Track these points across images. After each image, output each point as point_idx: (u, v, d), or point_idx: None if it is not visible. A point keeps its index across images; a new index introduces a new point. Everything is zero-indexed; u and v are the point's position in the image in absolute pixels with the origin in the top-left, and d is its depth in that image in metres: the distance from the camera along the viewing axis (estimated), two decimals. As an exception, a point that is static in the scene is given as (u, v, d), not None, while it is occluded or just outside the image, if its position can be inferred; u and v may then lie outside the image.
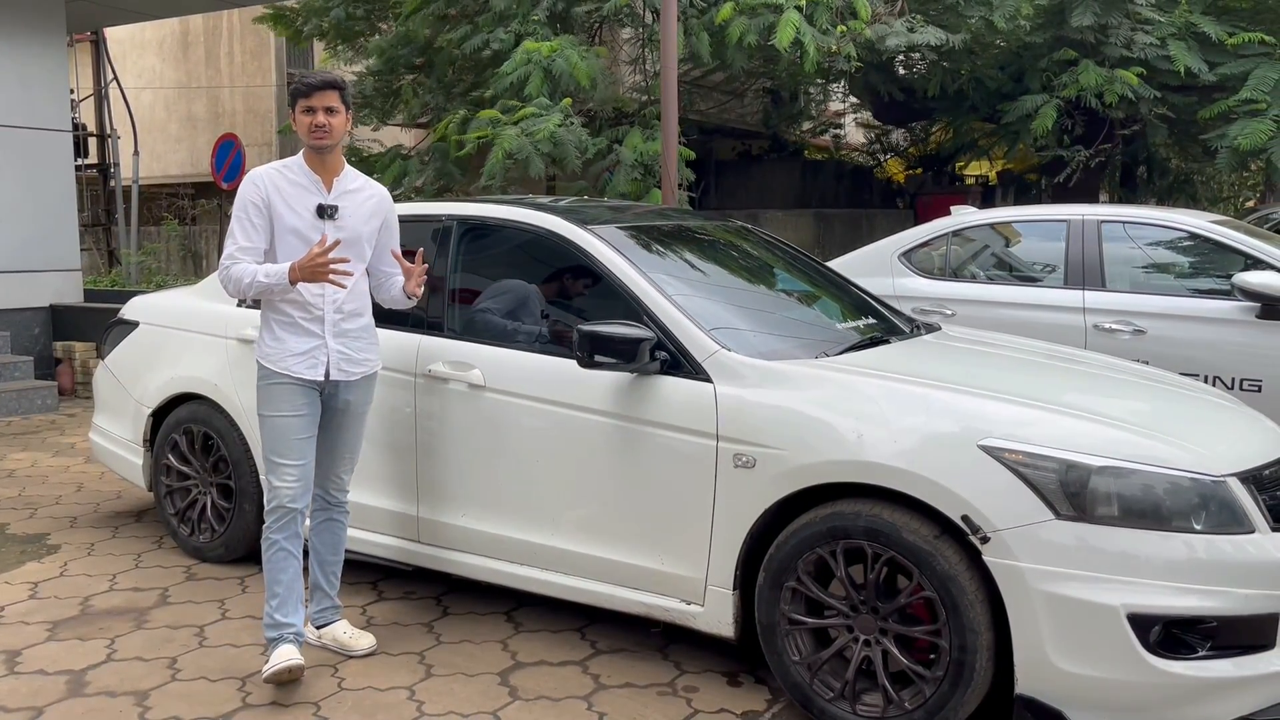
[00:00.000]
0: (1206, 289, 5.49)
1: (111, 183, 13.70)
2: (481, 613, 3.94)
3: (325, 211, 3.36)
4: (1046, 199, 13.53)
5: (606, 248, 3.65)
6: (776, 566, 3.08)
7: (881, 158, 17.42)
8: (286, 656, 3.27)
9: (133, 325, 4.86)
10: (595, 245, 3.66)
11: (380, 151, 11.27)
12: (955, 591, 2.80)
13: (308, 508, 3.44)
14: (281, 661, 3.26)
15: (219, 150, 13.02)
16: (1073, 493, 2.74)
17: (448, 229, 4.03)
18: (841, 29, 9.37)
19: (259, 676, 3.35)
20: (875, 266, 6.20)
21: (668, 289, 3.50)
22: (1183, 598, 2.68)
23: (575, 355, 3.34)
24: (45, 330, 9.04)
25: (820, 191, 15.55)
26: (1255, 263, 5.34)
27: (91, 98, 13.81)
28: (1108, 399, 3.38)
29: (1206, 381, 5.13)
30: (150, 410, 4.61)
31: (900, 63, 12.66)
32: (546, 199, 4.59)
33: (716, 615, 3.25)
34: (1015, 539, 2.75)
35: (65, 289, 9.19)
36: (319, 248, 3.21)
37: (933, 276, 6.13)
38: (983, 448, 2.84)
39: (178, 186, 18.64)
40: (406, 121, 12.48)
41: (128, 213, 13.44)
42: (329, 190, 3.39)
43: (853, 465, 2.98)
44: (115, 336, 4.93)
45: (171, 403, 4.55)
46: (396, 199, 3.79)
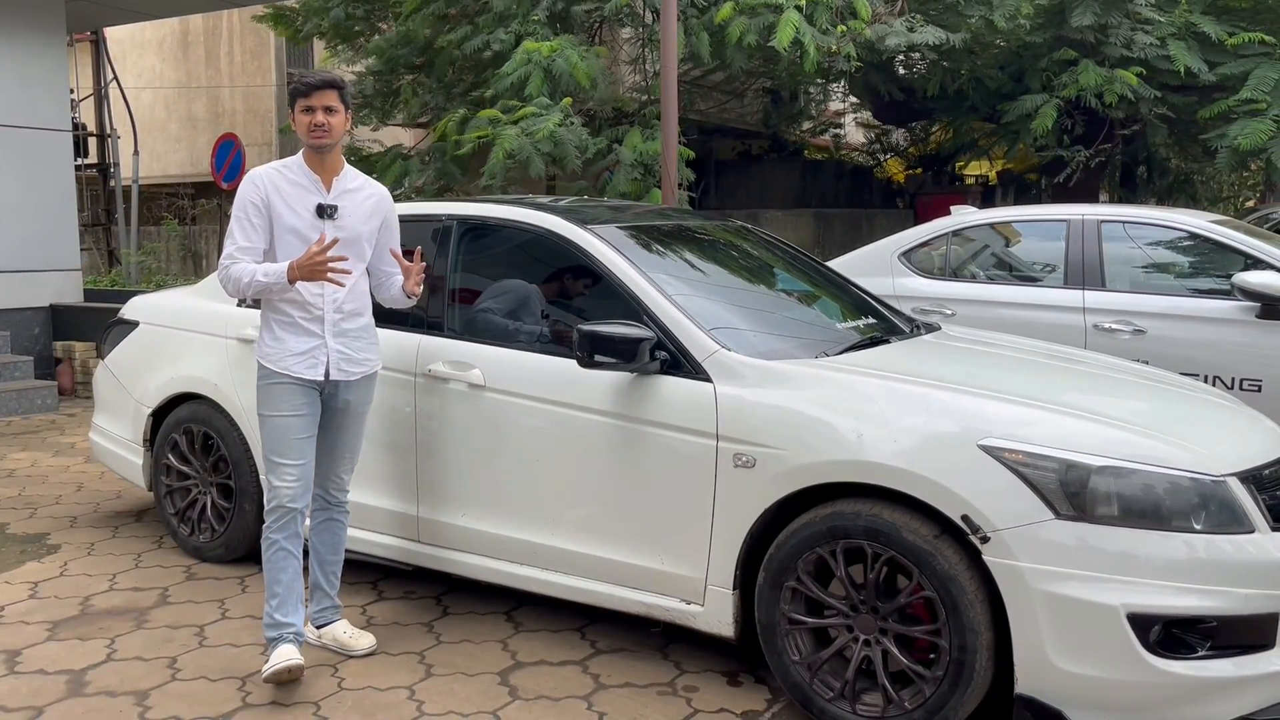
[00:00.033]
0: (1206, 289, 5.49)
1: (111, 182, 13.70)
2: (481, 612, 3.94)
3: (325, 211, 3.36)
4: (1046, 199, 13.53)
5: (606, 247, 3.65)
6: (776, 566, 3.08)
7: (881, 158, 17.43)
8: (286, 656, 3.27)
9: (133, 325, 4.86)
10: (595, 245, 3.66)
11: (380, 151, 11.27)
12: (955, 591, 2.80)
13: (308, 507, 3.44)
14: (281, 661, 3.26)
15: (219, 150, 13.02)
16: (1073, 492, 2.74)
17: (448, 229, 4.03)
18: (841, 29, 9.37)
19: (259, 676, 3.35)
20: (875, 266, 6.20)
21: (668, 289, 3.50)
22: (1183, 597, 2.68)
23: (575, 355, 3.34)
24: (45, 330, 9.03)
25: (820, 191, 15.56)
26: (1255, 262, 5.34)
27: (91, 97, 13.81)
28: (1108, 399, 3.38)
29: (1206, 381, 5.14)
30: (150, 410, 4.61)
31: (900, 62, 12.66)
32: (546, 199, 4.59)
33: (716, 615, 3.25)
34: (1015, 539, 2.75)
35: (65, 289, 9.19)
36: (317, 246, 3.21)
37: (933, 276, 6.13)
38: (983, 447, 2.84)
39: (178, 186, 18.63)
40: (406, 121, 12.47)
41: (128, 212, 13.44)
42: (328, 190, 3.39)
43: (853, 465, 2.98)
44: (115, 336, 4.93)
45: (171, 402, 4.55)
46: (397, 199, 3.79)
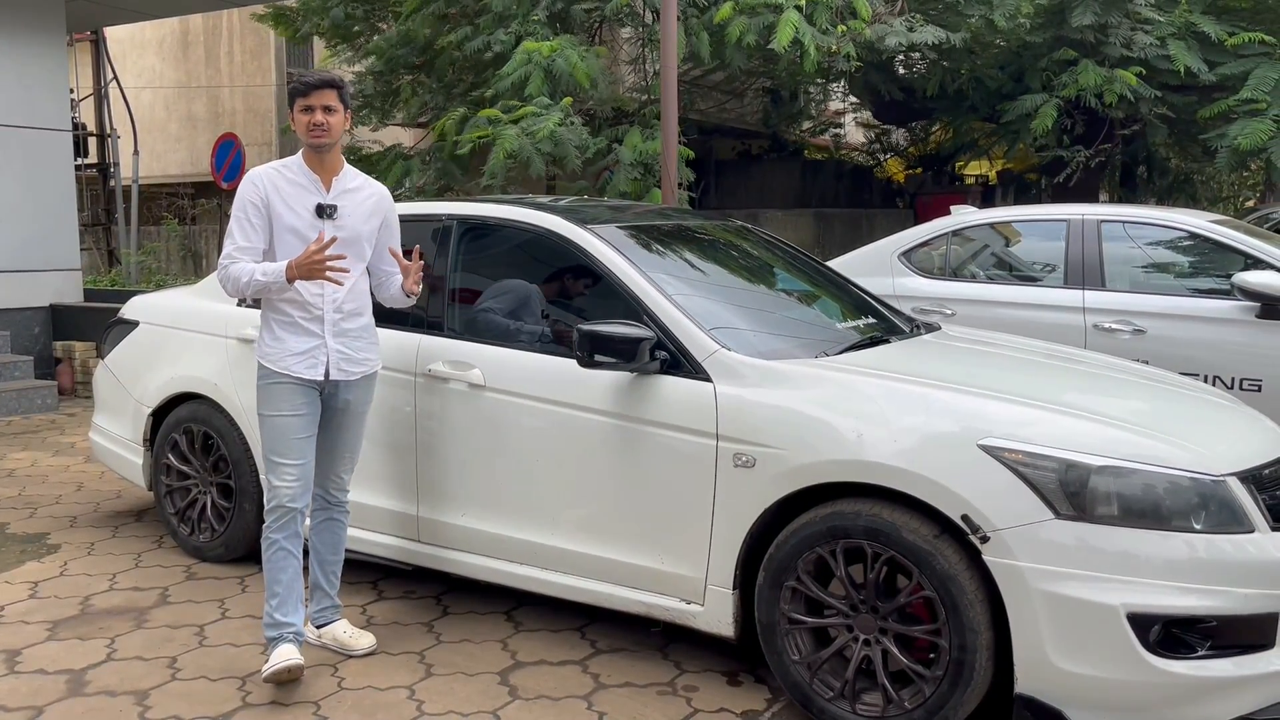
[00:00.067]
0: (1206, 289, 5.49)
1: (111, 182, 13.70)
2: (481, 612, 3.94)
3: (324, 211, 3.36)
4: (1046, 199, 13.53)
5: (606, 247, 3.65)
6: (776, 566, 3.08)
7: (881, 157, 17.43)
8: (286, 656, 3.27)
9: (132, 325, 4.86)
10: (595, 245, 3.66)
11: (380, 151, 11.27)
12: (955, 591, 2.80)
13: (308, 507, 3.44)
14: (281, 661, 3.26)
15: (219, 150, 13.02)
16: (1072, 492, 2.74)
17: (448, 228, 4.03)
18: (841, 29, 9.37)
19: (259, 676, 3.35)
20: (875, 266, 6.20)
21: (667, 288, 3.50)
22: (1182, 597, 2.68)
23: (575, 355, 3.34)
24: (45, 330, 9.03)
25: (820, 191, 15.56)
26: (1255, 262, 5.34)
27: (91, 97, 13.81)
28: (1107, 399, 3.38)
29: (1206, 381, 5.14)
30: (150, 410, 4.61)
31: (900, 62, 12.66)
32: (546, 198, 4.59)
33: (716, 614, 3.25)
34: (1015, 538, 2.75)
35: (65, 289, 9.19)
36: (316, 245, 3.21)
37: (933, 276, 6.13)
38: (983, 447, 2.84)
39: (178, 186, 18.63)
40: (406, 121, 12.47)
41: (127, 212, 13.44)
42: (328, 190, 3.39)
43: (853, 465, 2.98)
44: (115, 336, 4.93)
45: (171, 402, 4.55)
46: (398, 199, 3.78)
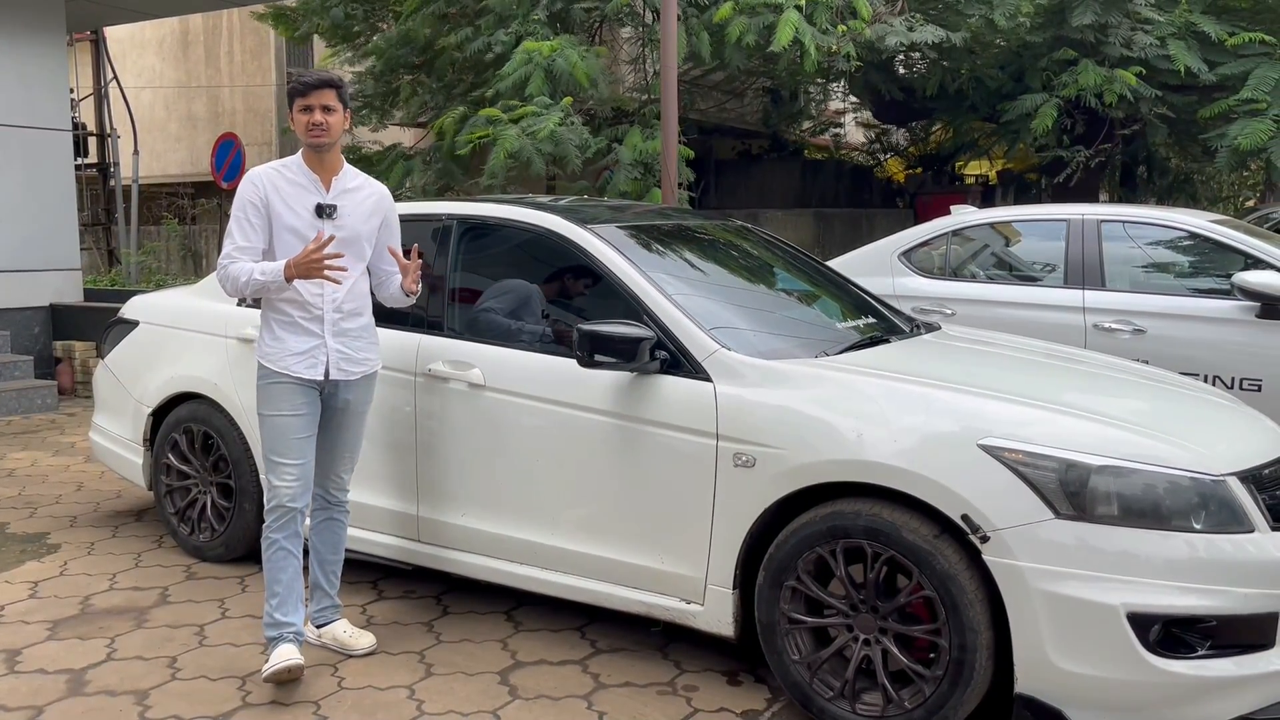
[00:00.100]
0: (1206, 288, 5.50)
1: (111, 182, 13.70)
2: (481, 612, 3.94)
3: (324, 210, 3.36)
4: (1046, 199, 13.53)
5: (606, 247, 3.64)
6: (776, 566, 3.08)
7: (881, 157, 17.43)
8: (286, 656, 3.27)
9: (132, 324, 4.86)
10: (595, 244, 3.66)
11: (380, 150, 11.26)
12: (955, 591, 2.80)
13: (308, 507, 3.44)
14: (281, 661, 3.26)
15: (219, 150, 13.02)
16: (1072, 492, 2.74)
17: (448, 228, 4.03)
18: (842, 29, 9.37)
19: (259, 675, 3.35)
20: (875, 266, 6.20)
21: (667, 288, 3.50)
22: (1182, 597, 2.68)
23: (575, 355, 3.34)
24: (45, 330, 9.03)
25: (820, 191, 15.56)
26: (1255, 262, 5.34)
27: (91, 97, 13.81)
28: (1107, 398, 3.38)
29: (1206, 381, 5.14)
30: (150, 409, 4.61)
31: (900, 62, 12.66)
32: (546, 198, 4.59)
33: (716, 614, 3.25)
34: (1015, 538, 2.75)
35: (65, 288, 9.19)
36: (314, 244, 3.21)
37: (933, 276, 6.14)
38: (983, 447, 2.84)
39: (177, 186, 18.63)
40: (405, 121, 12.47)
41: (127, 212, 13.44)
42: (328, 189, 3.39)
43: (853, 465, 2.98)
44: (115, 336, 4.93)
45: (171, 402, 4.55)
46: (399, 198, 3.78)
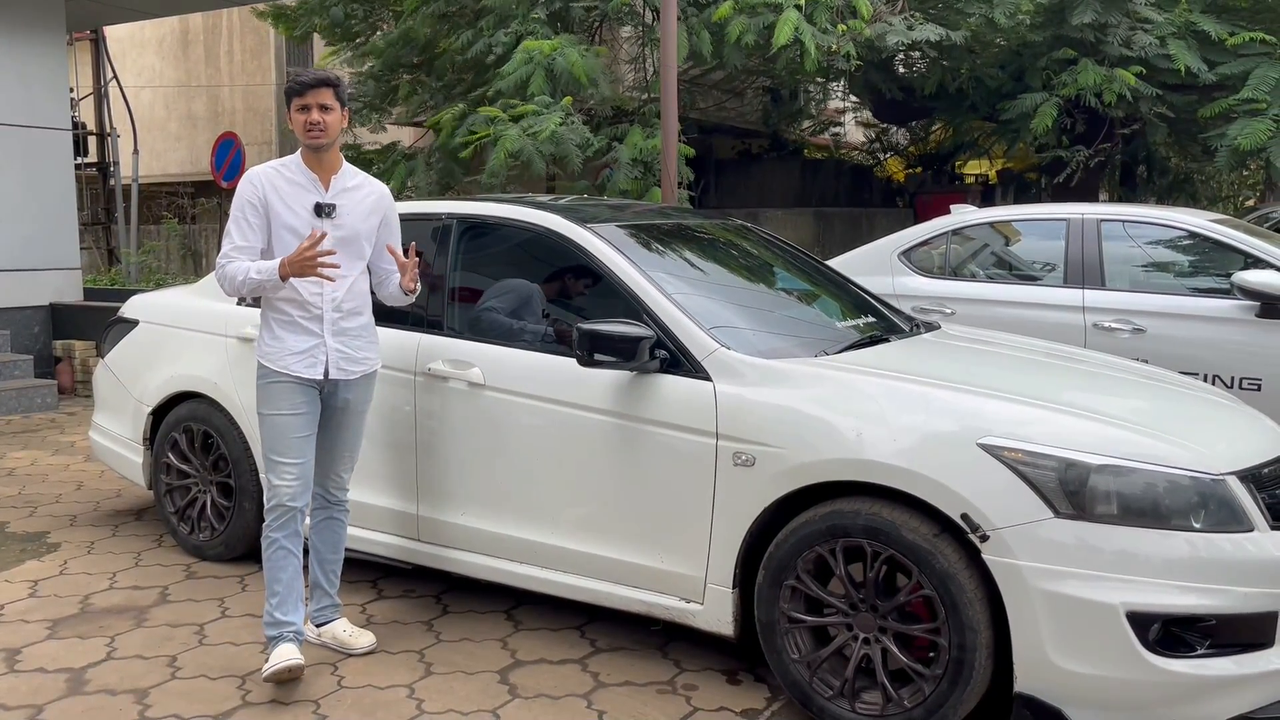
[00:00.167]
0: (1206, 288, 5.50)
1: (111, 181, 13.70)
2: (481, 611, 3.94)
3: (323, 210, 3.36)
4: (1046, 198, 13.52)
5: (606, 246, 3.64)
6: (776, 565, 3.08)
7: (881, 156, 17.42)
8: (286, 655, 3.28)
9: (132, 324, 4.86)
10: (595, 244, 3.66)
11: (380, 150, 11.25)
12: (954, 590, 2.80)
13: (307, 506, 3.44)
14: (281, 660, 3.26)
15: (219, 149, 13.02)
16: (1072, 491, 2.74)
17: (448, 227, 4.03)
18: (841, 28, 9.36)
19: (259, 675, 3.35)
20: (875, 265, 6.20)
21: (667, 287, 3.50)
22: (1182, 596, 2.68)
23: (575, 354, 3.34)
24: (45, 329, 9.03)
25: (820, 190, 15.55)
26: (1255, 261, 5.34)
27: (91, 96, 13.81)
28: (1107, 397, 3.38)
29: (1206, 380, 5.14)
30: (150, 409, 4.61)
31: (900, 61, 12.66)
32: (546, 197, 4.59)
33: (716, 613, 3.25)
34: (1014, 537, 2.75)
35: (65, 288, 9.19)
36: (309, 242, 3.21)
37: (932, 275, 6.14)
38: (982, 446, 2.84)
39: (177, 185, 18.62)
40: (404, 119, 12.46)
41: (127, 211, 13.44)
42: (327, 188, 3.39)
43: (852, 464, 2.98)
44: (115, 335, 4.94)
45: (171, 401, 4.55)
46: (400, 198, 3.78)
